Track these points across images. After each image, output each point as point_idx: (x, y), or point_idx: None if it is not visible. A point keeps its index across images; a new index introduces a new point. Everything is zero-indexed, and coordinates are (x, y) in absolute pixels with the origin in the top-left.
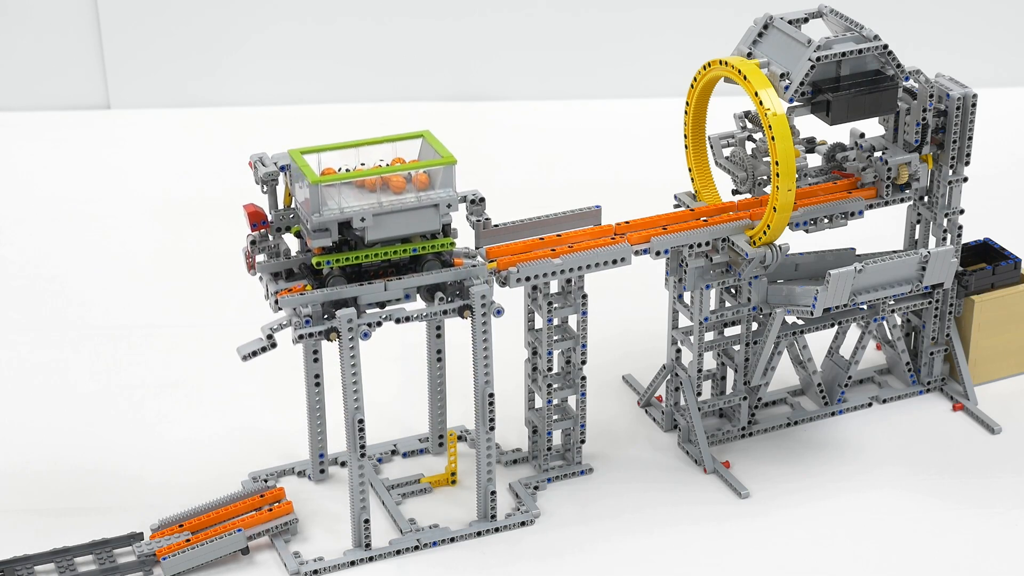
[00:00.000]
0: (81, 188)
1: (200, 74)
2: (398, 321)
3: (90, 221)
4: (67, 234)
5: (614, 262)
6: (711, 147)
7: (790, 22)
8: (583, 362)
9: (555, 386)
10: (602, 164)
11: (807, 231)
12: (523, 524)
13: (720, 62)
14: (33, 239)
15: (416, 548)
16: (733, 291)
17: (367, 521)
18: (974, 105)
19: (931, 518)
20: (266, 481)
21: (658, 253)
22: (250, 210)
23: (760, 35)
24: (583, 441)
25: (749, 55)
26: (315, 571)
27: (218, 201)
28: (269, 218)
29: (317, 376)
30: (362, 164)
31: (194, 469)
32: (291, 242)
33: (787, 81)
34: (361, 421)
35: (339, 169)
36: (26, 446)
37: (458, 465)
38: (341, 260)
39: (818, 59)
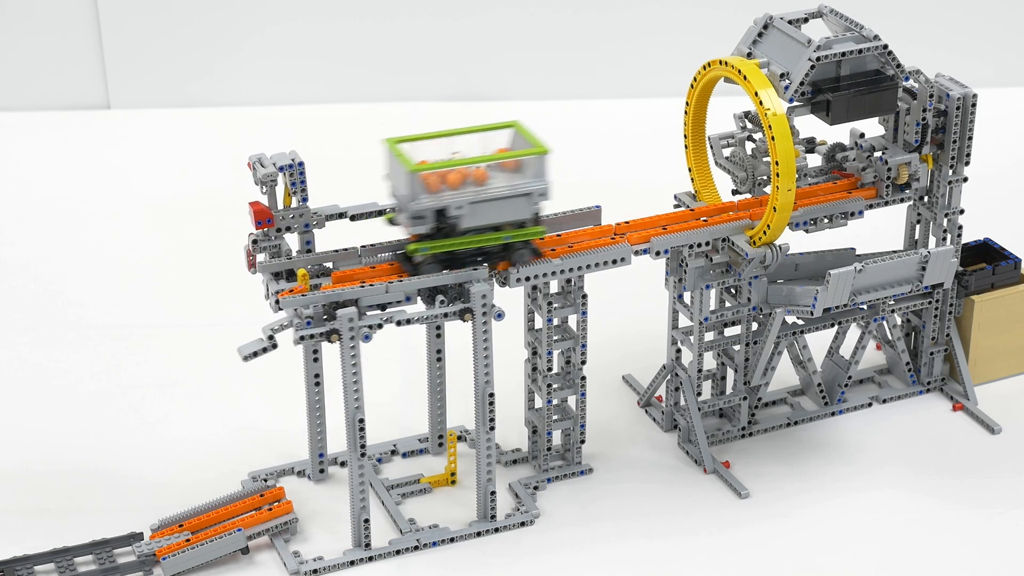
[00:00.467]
0: (81, 188)
1: (200, 74)
2: (399, 323)
3: (90, 221)
4: (67, 234)
5: (614, 262)
6: (711, 147)
7: (790, 22)
8: (583, 362)
9: (555, 386)
10: (602, 164)
11: (807, 231)
12: (523, 524)
13: (720, 62)
14: (33, 239)
15: (416, 548)
16: (733, 291)
17: (367, 521)
18: (974, 105)
19: (931, 518)
20: (266, 481)
21: (658, 253)
22: (256, 208)
23: (760, 35)
24: (583, 441)
25: (749, 55)
26: (315, 571)
27: (218, 201)
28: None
29: (317, 376)
30: (454, 153)
31: (194, 469)
32: (292, 242)
33: (787, 81)
34: (361, 421)
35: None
36: (26, 446)
37: (458, 465)
38: (436, 248)
39: (818, 59)
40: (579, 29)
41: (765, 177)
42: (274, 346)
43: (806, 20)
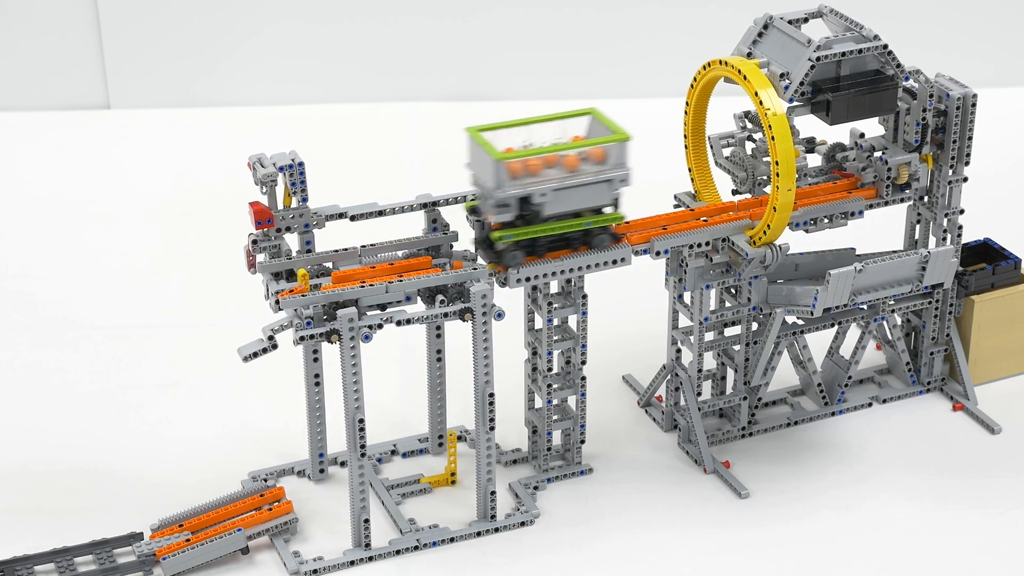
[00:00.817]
0: (81, 188)
1: (200, 74)
2: (399, 323)
3: (90, 221)
4: (67, 234)
5: (614, 262)
6: (711, 147)
7: (790, 22)
8: (583, 362)
9: (555, 386)
10: None
11: (807, 231)
12: (523, 524)
13: (720, 62)
14: (33, 239)
15: (416, 548)
16: (733, 291)
17: (367, 521)
18: (974, 105)
19: (931, 518)
20: (266, 481)
21: (658, 253)
22: (256, 208)
23: (760, 35)
24: (583, 441)
25: (749, 55)
26: (315, 571)
27: (218, 201)
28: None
29: (317, 376)
30: (530, 143)
31: (194, 469)
32: (292, 242)
33: (787, 81)
34: (361, 421)
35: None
36: (26, 446)
37: (458, 465)
38: (519, 235)
39: (818, 59)
40: (579, 29)
41: (765, 177)
42: (274, 346)
43: (806, 20)
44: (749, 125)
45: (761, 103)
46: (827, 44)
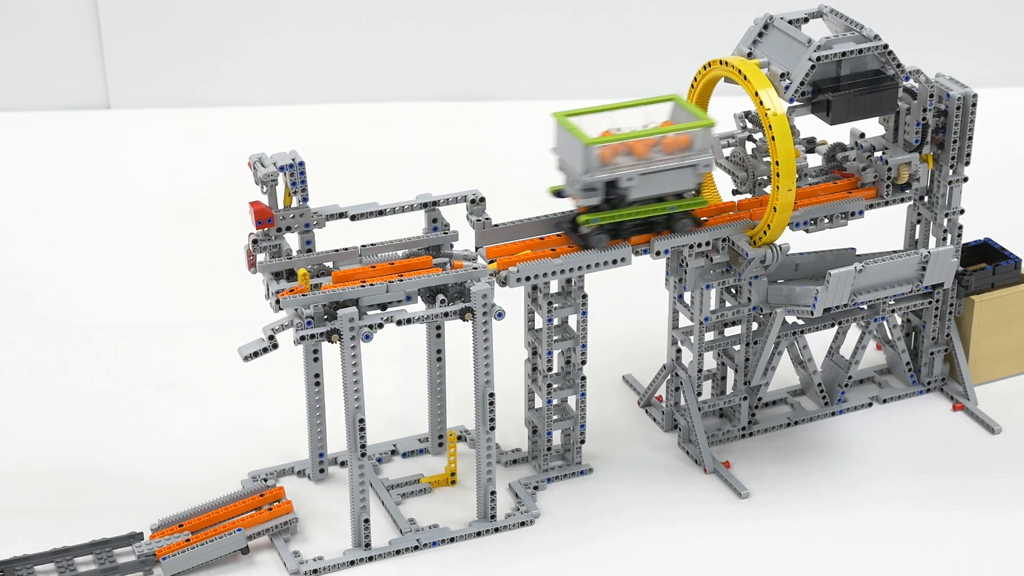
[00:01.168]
0: (81, 188)
1: (200, 74)
2: (399, 323)
3: (90, 221)
4: (68, 234)
5: (614, 262)
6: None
7: (790, 22)
8: (583, 362)
9: (555, 386)
10: None
11: (807, 231)
12: (523, 524)
13: (720, 62)
14: (34, 239)
15: (416, 548)
16: (733, 291)
17: (367, 521)
18: (974, 105)
19: (931, 518)
20: (266, 481)
21: (658, 253)
22: (257, 208)
23: (760, 35)
24: (583, 441)
25: (749, 55)
26: (315, 571)
27: (218, 201)
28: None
29: (317, 376)
30: (617, 128)
31: (194, 469)
32: (292, 242)
33: (787, 81)
34: (362, 421)
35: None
36: (26, 446)
37: (458, 465)
38: (605, 219)
39: (818, 59)
40: (579, 30)
41: (765, 177)
42: (274, 346)
43: (806, 20)
44: (749, 125)
45: (761, 103)
46: (827, 44)
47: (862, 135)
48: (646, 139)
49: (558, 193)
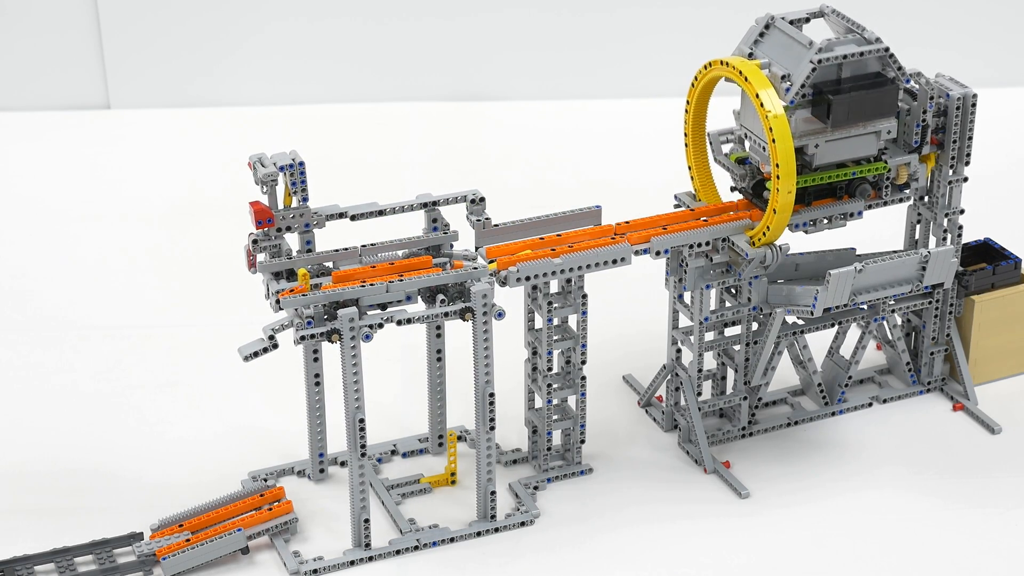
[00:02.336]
0: (81, 188)
1: (200, 74)
2: (399, 323)
3: (90, 221)
4: (67, 234)
5: (614, 262)
6: (710, 143)
7: (791, 22)
8: (583, 362)
9: (555, 386)
10: (602, 164)
11: (807, 232)
12: (523, 524)
13: (721, 62)
14: (33, 239)
15: (416, 548)
16: (733, 291)
17: (367, 521)
18: (974, 105)
19: (931, 518)
20: (266, 480)
21: (658, 253)
22: (257, 208)
23: (761, 35)
24: (583, 441)
25: (750, 55)
26: (315, 571)
27: (218, 201)
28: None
29: (317, 376)
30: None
31: (194, 469)
32: (292, 242)
33: (788, 83)
34: (362, 421)
35: None
36: (26, 446)
37: (458, 465)
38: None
39: (819, 61)
40: (579, 29)
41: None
42: (275, 346)
43: (807, 20)
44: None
45: (761, 104)
46: (829, 46)
47: None
48: None
49: (741, 160)
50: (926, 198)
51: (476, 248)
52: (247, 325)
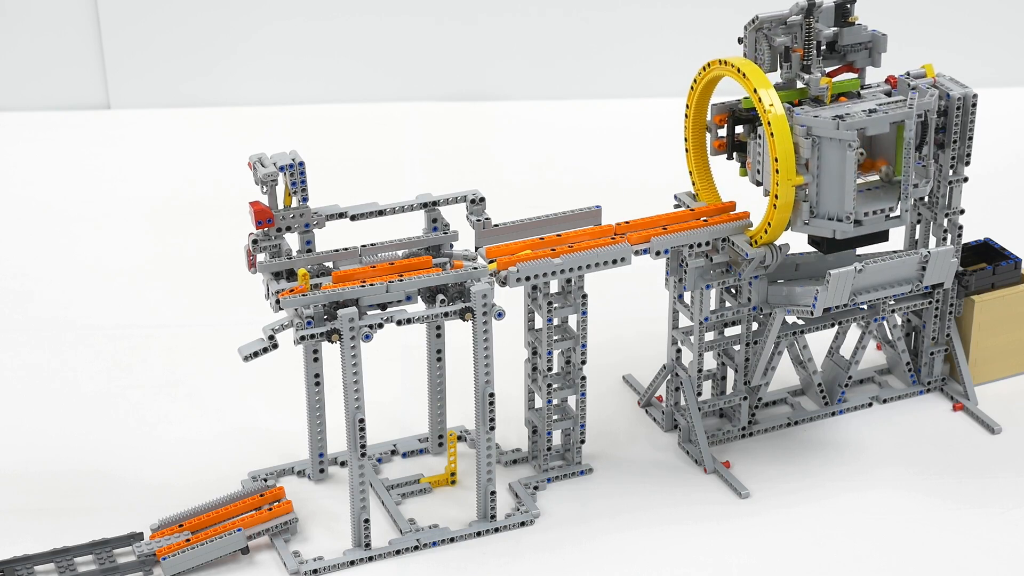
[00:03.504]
0: (81, 188)
1: (200, 74)
2: (399, 323)
3: (90, 221)
4: (67, 234)
5: (614, 262)
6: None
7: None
8: (583, 362)
9: (555, 386)
10: (602, 164)
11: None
12: (523, 524)
13: (720, 62)
14: (33, 239)
15: (416, 548)
16: (733, 291)
17: (367, 521)
18: (974, 105)
19: (931, 518)
20: (266, 481)
21: (658, 253)
22: (257, 208)
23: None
24: (583, 441)
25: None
26: (315, 571)
27: (218, 201)
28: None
29: (317, 376)
30: None
31: (194, 469)
32: (292, 242)
33: None
34: (362, 421)
35: None
36: (26, 446)
37: (458, 465)
38: None
39: None
40: (580, 30)
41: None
42: (274, 346)
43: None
44: None
45: (761, 101)
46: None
47: None
48: None
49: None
50: (926, 198)
51: (476, 248)
52: (247, 325)
